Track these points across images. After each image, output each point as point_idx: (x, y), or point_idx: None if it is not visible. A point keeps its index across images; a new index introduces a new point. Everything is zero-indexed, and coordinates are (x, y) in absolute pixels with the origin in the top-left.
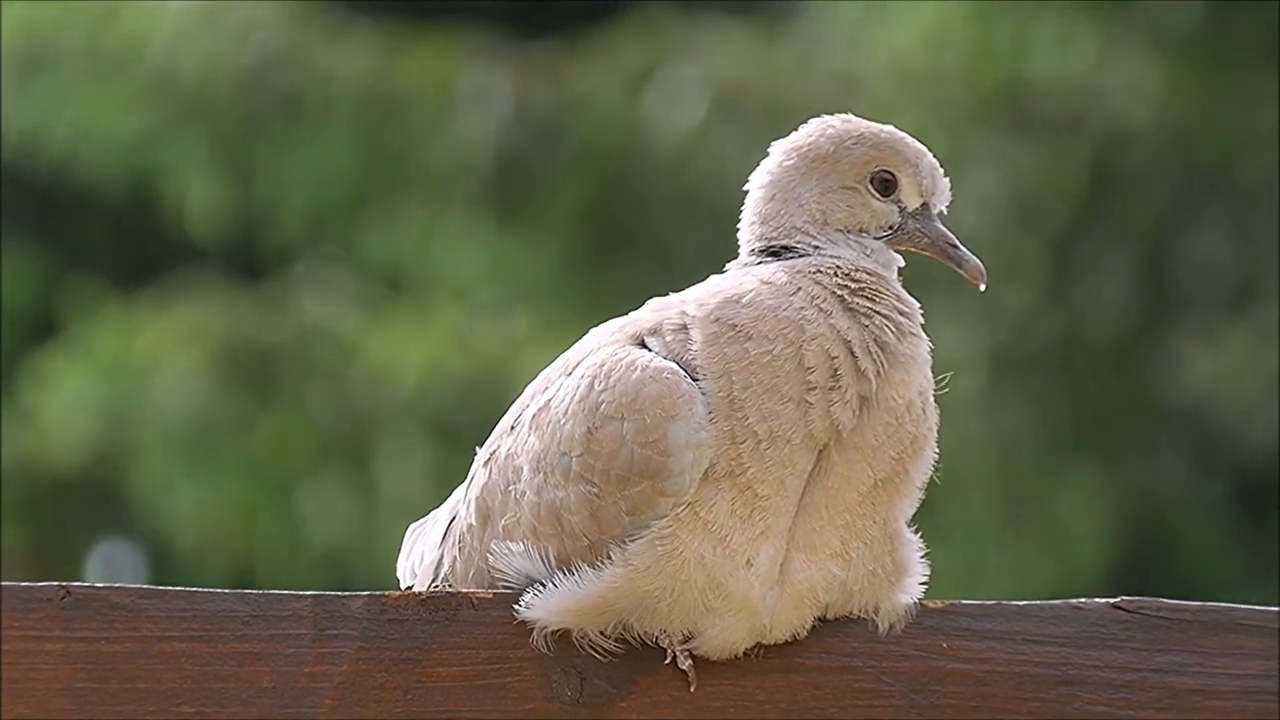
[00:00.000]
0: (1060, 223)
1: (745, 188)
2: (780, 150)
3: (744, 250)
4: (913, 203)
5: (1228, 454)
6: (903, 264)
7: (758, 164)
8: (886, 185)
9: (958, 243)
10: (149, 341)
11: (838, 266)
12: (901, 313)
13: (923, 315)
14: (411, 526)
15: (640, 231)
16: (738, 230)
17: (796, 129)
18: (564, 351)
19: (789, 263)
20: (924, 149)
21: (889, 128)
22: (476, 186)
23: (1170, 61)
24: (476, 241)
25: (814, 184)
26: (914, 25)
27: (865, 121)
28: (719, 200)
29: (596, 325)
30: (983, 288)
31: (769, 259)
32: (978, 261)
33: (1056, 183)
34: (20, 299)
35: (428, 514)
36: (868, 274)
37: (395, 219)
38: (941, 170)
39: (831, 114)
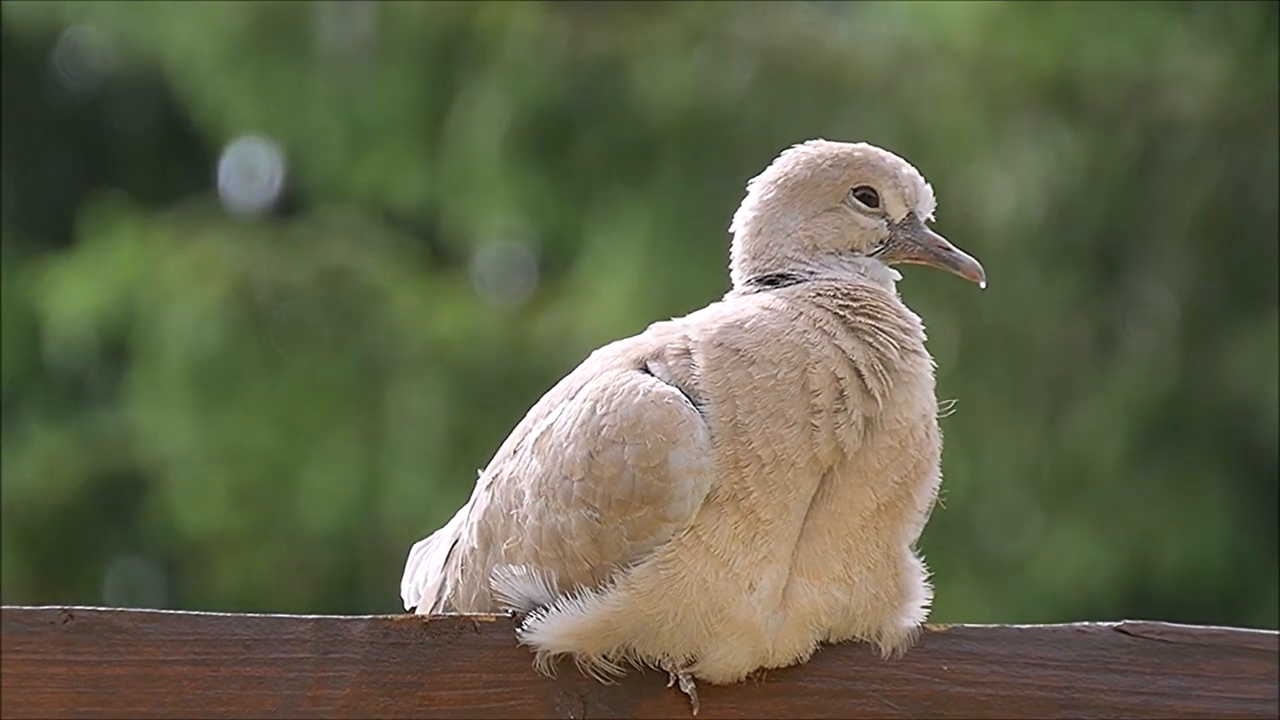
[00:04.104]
0: (1106, 211)
1: (730, 230)
2: (759, 186)
3: (738, 285)
4: (898, 214)
5: (1267, 449)
6: (899, 278)
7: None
8: (869, 200)
9: (950, 245)
10: (167, 267)
11: (837, 288)
12: (903, 329)
13: (924, 331)
14: (415, 546)
15: (686, 191)
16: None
17: (798, 144)
18: (568, 374)
19: (788, 289)
20: (900, 160)
21: (862, 145)
22: (522, 131)
23: (1232, 53)
24: (517, 189)
25: (798, 211)
26: (971, 5)
27: (837, 143)
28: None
29: (604, 346)
30: (983, 285)
31: (766, 287)
32: (973, 260)
33: (1104, 170)
34: (39, 211)
35: (431, 534)
36: (867, 292)
37: (437, 162)
38: (922, 178)
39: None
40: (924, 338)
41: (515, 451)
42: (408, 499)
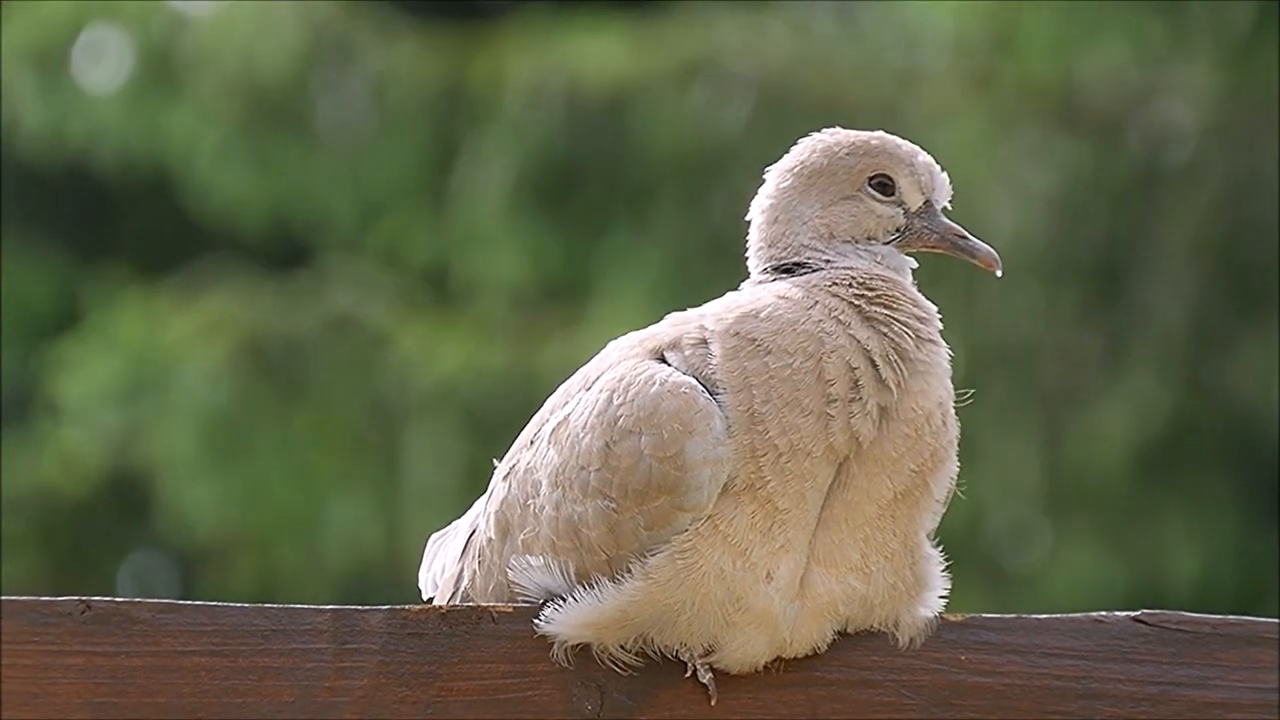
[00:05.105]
0: (1108, 223)
1: (748, 218)
2: (775, 173)
3: (754, 274)
4: (915, 201)
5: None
6: (915, 266)
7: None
8: (885, 188)
9: (967, 234)
10: (173, 332)
11: (852, 277)
12: (919, 318)
13: (940, 320)
14: (433, 536)
15: (690, 226)
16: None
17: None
18: (584, 364)
19: (803, 277)
20: (917, 148)
21: (879, 133)
22: (525, 183)
23: (1227, 62)
24: (524, 239)
25: (814, 200)
26: (966, 21)
27: (854, 131)
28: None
29: (621, 336)
30: (999, 273)
31: (782, 276)
32: (990, 249)
33: (1105, 182)
34: (41, 292)
35: (450, 524)
36: (883, 281)
37: (444, 221)
38: (938, 166)
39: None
40: (940, 326)
41: (532, 442)
42: (424, 538)
